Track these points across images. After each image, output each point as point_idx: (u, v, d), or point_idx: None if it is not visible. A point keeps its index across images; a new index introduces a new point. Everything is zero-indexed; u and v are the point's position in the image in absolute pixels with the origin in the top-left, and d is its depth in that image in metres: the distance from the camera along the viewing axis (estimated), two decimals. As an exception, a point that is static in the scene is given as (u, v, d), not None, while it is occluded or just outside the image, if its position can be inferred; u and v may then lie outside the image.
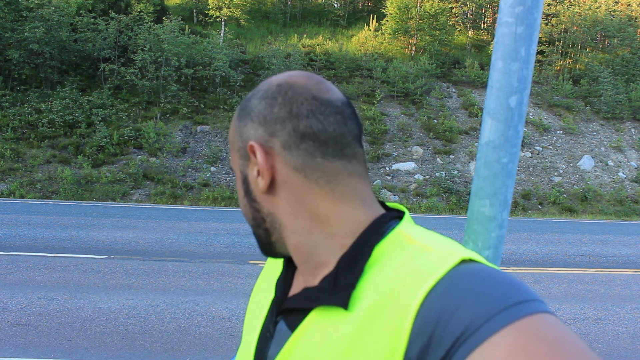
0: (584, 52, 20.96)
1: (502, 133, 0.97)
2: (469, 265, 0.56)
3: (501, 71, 0.97)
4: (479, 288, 0.52)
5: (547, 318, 0.50)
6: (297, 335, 0.63)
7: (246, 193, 0.69)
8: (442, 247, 0.59)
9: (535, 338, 0.47)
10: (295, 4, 24.16)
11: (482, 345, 0.48)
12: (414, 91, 17.80)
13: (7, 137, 13.78)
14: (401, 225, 0.65)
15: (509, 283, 0.53)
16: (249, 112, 0.68)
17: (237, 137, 0.70)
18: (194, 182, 13.61)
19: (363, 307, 0.58)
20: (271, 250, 0.71)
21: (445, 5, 20.59)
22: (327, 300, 0.61)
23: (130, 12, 17.41)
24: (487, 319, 0.49)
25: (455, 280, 0.54)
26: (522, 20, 0.95)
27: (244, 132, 0.68)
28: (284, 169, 0.64)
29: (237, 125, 0.70)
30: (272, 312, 0.71)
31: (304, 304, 0.64)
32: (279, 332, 0.67)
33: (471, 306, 0.51)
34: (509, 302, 0.50)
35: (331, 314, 0.60)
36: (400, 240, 0.62)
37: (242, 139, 0.69)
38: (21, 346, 3.96)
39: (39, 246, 7.07)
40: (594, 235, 10.58)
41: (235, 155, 0.70)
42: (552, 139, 17.53)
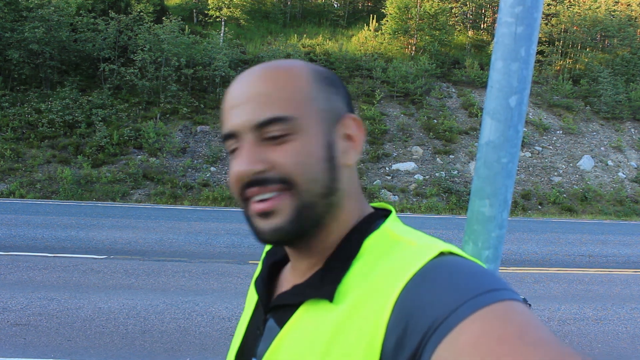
0: (584, 52, 20.95)
1: (502, 133, 0.97)
2: (445, 257, 0.57)
3: (501, 71, 0.97)
4: (451, 279, 0.54)
5: (514, 305, 0.51)
6: (286, 330, 0.64)
7: (329, 159, 0.64)
8: (425, 242, 0.61)
9: (501, 322, 0.48)
10: (295, 4, 24.16)
11: (451, 333, 0.49)
12: (414, 91, 17.80)
13: (7, 137, 13.78)
14: (387, 223, 0.67)
15: (480, 274, 0.54)
16: (337, 86, 0.69)
17: (323, 97, 0.66)
18: (193, 182, 13.61)
19: (348, 300, 0.59)
20: (308, 226, 0.64)
21: (445, 5, 20.59)
22: (314, 294, 0.62)
23: (130, 12, 17.42)
24: (456, 307, 0.50)
25: (430, 272, 0.55)
26: (522, 20, 0.95)
27: (333, 98, 0.67)
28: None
29: (324, 88, 0.67)
30: (260, 310, 0.73)
31: (292, 300, 0.65)
32: (269, 329, 0.68)
33: (442, 296, 0.52)
34: (477, 290, 0.51)
35: (318, 308, 0.62)
36: (385, 237, 0.64)
37: (333, 105, 0.67)
38: (21, 346, 3.96)
39: (39, 246, 7.07)
40: (594, 235, 10.58)
41: (314, 115, 0.64)
42: (552, 139, 17.53)
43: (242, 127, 0.63)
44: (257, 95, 0.63)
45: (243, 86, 0.64)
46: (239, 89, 0.65)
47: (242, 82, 0.65)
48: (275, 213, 0.62)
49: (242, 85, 0.65)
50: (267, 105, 0.62)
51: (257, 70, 0.65)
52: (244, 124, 0.63)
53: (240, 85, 0.65)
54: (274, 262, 0.77)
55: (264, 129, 0.62)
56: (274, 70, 0.65)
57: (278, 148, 0.62)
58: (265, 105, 0.62)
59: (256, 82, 0.64)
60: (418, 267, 0.56)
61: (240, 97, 0.64)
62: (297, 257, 0.69)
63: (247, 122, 0.62)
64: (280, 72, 0.65)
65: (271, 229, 0.63)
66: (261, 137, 0.63)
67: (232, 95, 0.65)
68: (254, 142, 0.63)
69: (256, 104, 0.62)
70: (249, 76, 0.65)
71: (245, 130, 0.63)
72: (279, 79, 0.64)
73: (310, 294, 0.63)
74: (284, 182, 0.62)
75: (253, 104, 0.62)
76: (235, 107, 0.64)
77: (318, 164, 0.63)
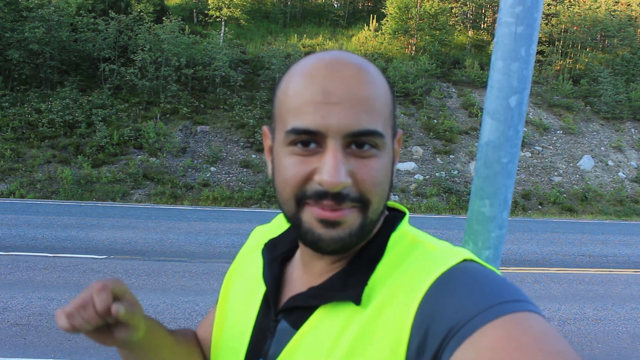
0: (584, 52, 20.95)
1: (502, 133, 0.97)
2: (468, 264, 0.58)
3: (501, 71, 0.97)
4: (475, 285, 0.54)
5: (535, 316, 0.52)
6: (303, 333, 0.63)
7: (392, 178, 0.64)
8: (444, 246, 0.62)
9: (522, 331, 0.49)
10: (295, 4, 24.15)
11: (472, 336, 0.50)
12: (414, 91, 17.80)
13: (7, 137, 13.78)
14: (403, 224, 0.67)
15: (503, 284, 0.55)
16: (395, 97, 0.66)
17: (394, 113, 0.64)
18: (194, 182, 13.61)
19: (373, 302, 0.59)
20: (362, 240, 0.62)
21: (445, 5, 20.58)
22: (339, 297, 0.61)
23: (130, 12, 17.41)
24: (479, 312, 0.51)
25: (454, 276, 0.56)
26: (522, 20, 0.95)
27: (395, 114, 0.65)
28: None
29: (394, 100, 0.65)
30: (269, 310, 0.70)
31: (311, 302, 0.64)
32: (281, 331, 0.66)
33: (465, 300, 0.53)
34: (500, 299, 0.52)
35: (340, 310, 0.61)
36: (404, 239, 0.65)
37: (395, 120, 0.65)
38: (21, 346, 3.96)
39: (39, 246, 7.07)
40: (594, 235, 10.57)
41: (390, 131, 0.63)
42: (552, 139, 17.53)
43: (337, 130, 0.57)
44: (358, 99, 0.58)
45: (340, 82, 0.58)
46: (335, 84, 0.58)
47: (337, 75, 0.59)
48: (342, 224, 0.59)
49: (339, 80, 0.58)
50: (367, 114, 0.58)
51: (352, 66, 0.60)
52: (340, 127, 0.57)
53: (336, 79, 0.58)
54: (276, 256, 0.74)
55: (355, 138, 0.58)
56: (367, 71, 0.60)
57: (362, 163, 0.59)
58: (365, 114, 0.58)
59: (355, 82, 0.58)
60: (442, 271, 0.56)
61: (337, 94, 0.58)
62: (319, 258, 0.67)
63: (344, 127, 0.57)
64: (374, 76, 0.61)
65: (334, 239, 0.60)
66: (346, 146, 0.58)
67: (324, 88, 0.58)
68: (342, 150, 0.58)
69: (356, 109, 0.57)
70: (343, 70, 0.59)
71: (337, 134, 0.57)
72: (375, 85, 0.60)
73: (333, 296, 0.62)
74: (360, 201, 0.59)
75: (353, 107, 0.57)
76: (330, 104, 0.57)
77: (387, 183, 0.62)
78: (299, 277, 0.70)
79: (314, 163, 0.59)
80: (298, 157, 0.60)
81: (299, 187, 0.60)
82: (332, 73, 0.59)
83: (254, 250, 0.83)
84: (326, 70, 0.59)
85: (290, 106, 0.60)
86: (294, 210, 0.61)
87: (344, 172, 0.57)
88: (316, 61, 0.61)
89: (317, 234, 0.60)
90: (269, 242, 0.77)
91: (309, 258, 0.68)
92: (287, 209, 0.62)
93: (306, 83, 0.59)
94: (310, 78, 0.59)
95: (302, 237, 0.62)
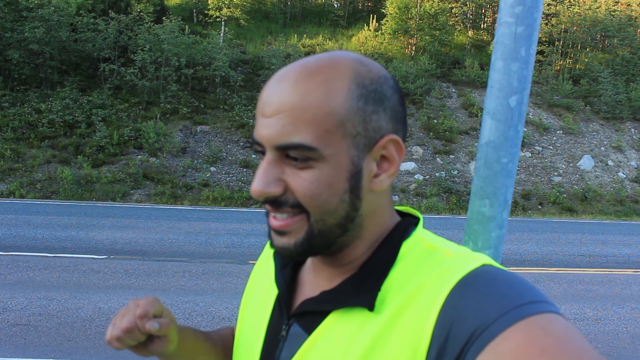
0: (584, 52, 20.95)
1: (502, 133, 0.97)
2: (487, 267, 0.58)
3: (501, 71, 0.97)
4: (494, 288, 0.54)
5: (556, 317, 0.52)
6: (315, 337, 0.63)
7: (353, 189, 0.60)
8: (462, 251, 0.62)
9: (543, 333, 0.49)
10: (295, 4, 24.15)
11: (494, 340, 0.50)
12: (414, 91, 17.80)
13: (7, 137, 13.78)
14: (418, 230, 0.67)
15: (522, 285, 0.55)
16: (383, 100, 0.60)
17: (358, 120, 0.59)
18: (193, 182, 13.61)
19: (387, 308, 0.59)
20: (317, 250, 0.62)
21: (445, 5, 20.57)
22: (351, 302, 0.61)
23: (130, 12, 17.41)
24: (499, 316, 0.51)
25: (473, 281, 0.56)
26: (522, 20, 0.95)
27: (372, 119, 0.59)
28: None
29: (363, 107, 0.59)
30: (282, 314, 0.71)
31: (323, 307, 0.64)
32: (293, 335, 0.67)
33: (485, 304, 0.53)
34: (520, 301, 0.52)
35: (353, 316, 0.61)
36: (419, 245, 0.64)
37: (369, 126, 0.59)
38: (21, 346, 3.96)
39: (39, 246, 7.07)
40: (594, 235, 10.58)
41: (343, 142, 0.58)
42: (552, 139, 17.53)
43: (267, 142, 0.59)
44: (286, 110, 0.57)
45: (276, 90, 0.58)
46: (271, 95, 0.59)
47: (276, 85, 0.59)
48: (288, 233, 0.61)
49: (276, 88, 0.58)
50: (293, 126, 0.56)
51: (294, 73, 0.59)
52: (268, 140, 0.59)
53: (273, 89, 0.59)
54: (287, 261, 0.75)
55: (286, 151, 0.58)
56: (311, 77, 0.58)
57: (296, 173, 0.58)
58: (290, 126, 0.57)
59: (288, 92, 0.57)
60: (461, 276, 0.56)
61: (270, 107, 0.58)
62: (323, 263, 0.68)
63: (271, 139, 0.58)
64: (316, 82, 0.57)
65: (281, 246, 0.62)
66: (284, 155, 0.59)
67: (264, 100, 0.59)
68: (274, 160, 0.59)
69: (283, 122, 0.57)
70: (284, 79, 0.59)
71: (268, 146, 0.59)
72: (312, 93, 0.57)
73: (345, 301, 0.62)
74: (299, 207, 0.59)
75: (280, 120, 0.57)
76: (264, 117, 0.59)
77: (336, 196, 0.59)
78: (310, 281, 0.70)
79: None
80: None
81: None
82: (275, 82, 0.59)
83: (270, 256, 0.84)
84: (274, 79, 0.60)
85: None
86: (266, 217, 0.65)
87: (267, 182, 0.59)
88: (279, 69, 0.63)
89: (272, 240, 0.64)
90: None
91: (317, 262, 0.69)
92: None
93: (262, 93, 0.62)
94: (264, 88, 0.61)
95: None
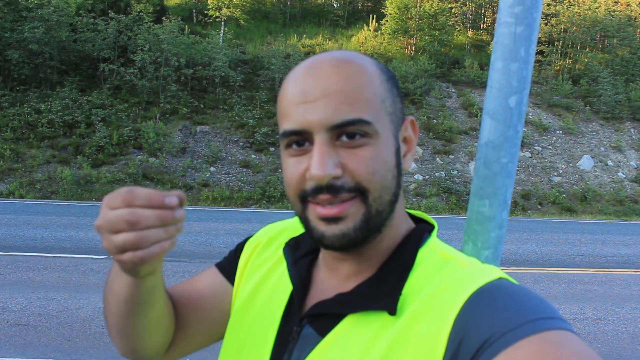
0: (584, 52, 20.95)
1: (502, 133, 0.97)
2: (504, 282, 0.58)
3: (501, 71, 0.97)
4: (510, 301, 0.55)
5: (570, 335, 0.52)
6: (330, 340, 0.62)
7: (397, 165, 0.63)
8: (476, 262, 0.63)
9: (558, 347, 0.49)
10: (295, 4, 24.15)
11: (507, 349, 0.50)
12: (414, 91, 17.80)
13: (6, 137, 13.78)
14: (433, 238, 0.67)
15: (539, 301, 0.56)
16: (399, 87, 0.66)
17: (391, 99, 0.63)
18: (193, 182, 13.61)
19: (405, 312, 0.59)
20: (373, 232, 0.62)
21: (445, 5, 20.58)
22: (372, 306, 0.61)
23: (129, 12, 17.41)
24: (515, 327, 0.51)
25: (490, 292, 0.56)
26: (521, 20, 0.95)
27: (397, 101, 0.65)
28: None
29: (391, 89, 0.64)
30: (293, 315, 0.69)
31: (342, 310, 0.63)
32: (305, 337, 0.65)
33: (501, 315, 0.53)
34: (537, 315, 0.53)
35: (370, 319, 0.61)
36: (435, 253, 0.65)
37: (397, 107, 0.64)
38: (21, 346, 3.96)
39: (38, 246, 7.07)
40: (594, 235, 10.58)
41: (386, 118, 0.62)
42: (551, 139, 17.53)
43: (318, 125, 0.58)
44: (335, 92, 0.58)
45: (316, 80, 0.60)
46: (312, 83, 0.60)
47: (314, 75, 0.60)
48: (344, 219, 0.60)
49: (315, 78, 0.60)
50: (347, 105, 0.58)
51: (329, 63, 0.61)
52: (320, 122, 0.58)
53: (312, 78, 0.60)
54: (299, 256, 0.73)
55: (341, 129, 0.58)
56: (348, 65, 0.60)
57: (353, 152, 0.59)
58: (345, 105, 0.58)
59: (332, 77, 0.59)
60: (478, 286, 0.57)
61: (314, 92, 0.59)
62: (342, 260, 0.67)
63: (324, 120, 0.58)
64: (354, 68, 0.60)
65: (338, 235, 0.60)
66: (335, 138, 0.59)
67: (303, 89, 0.60)
68: (328, 142, 0.59)
69: (335, 102, 0.58)
70: (321, 69, 0.60)
71: (320, 129, 0.58)
72: (355, 76, 0.60)
73: (365, 305, 0.61)
74: (357, 190, 0.59)
75: (331, 101, 0.58)
76: (308, 103, 0.59)
77: (390, 171, 0.61)
78: (325, 279, 0.69)
79: (307, 161, 0.60)
80: (295, 158, 0.62)
81: (299, 186, 0.61)
82: (309, 73, 0.61)
83: (268, 246, 0.81)
84: (305, 71, 0.62)
85: (281, 111, 0.63)
86: (300, 209, 0.63)
87: (330, 164, 0.58)
88: (301, 65, 0.64)
89: (320, 231, 0.61)
90: (291, 242, 0.76)
91: (332, 260, 0.68)
92: (296, 209, 0.64)
93: (290, 87, 0.62)
94: (293, 82, 0.62)
95: (310, 235, 0.63)
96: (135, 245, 0.54)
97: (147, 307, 0.69)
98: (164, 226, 0.56)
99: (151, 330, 0.74)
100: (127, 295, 0.67)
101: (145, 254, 0.54)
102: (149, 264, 0.58)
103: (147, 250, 0.55)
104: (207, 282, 0.84)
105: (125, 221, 0.54)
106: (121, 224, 0.54)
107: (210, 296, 0.82)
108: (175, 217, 0.57)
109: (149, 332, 0.73)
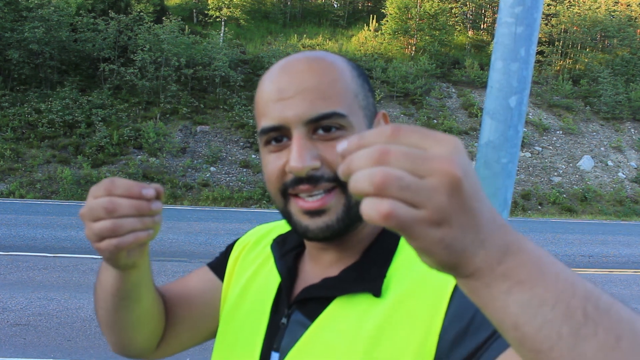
0: (584, 52, 20.95)
1: (502, 133, 0.97)
2: None
3: (501, 71, 0.97)
4: None
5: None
6: (319, 324, 0.64)
7: None
8: None
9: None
10: (295, 4, 24.15)
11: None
12: (414, 91, 17.80)
13: (7, 137, 13.77)
14: None
15: None
16: (369, 82, 0.69)
17: (363, 94, 0.67)
18: (193, 182, 13.61)
19: (392, 294, 0.60)
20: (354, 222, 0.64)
21: (445, 6, 20.58)
22: (356, 288, 0.63)
23: (130, 12, 17.40)
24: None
25: None
26: (521, 20, 0.95)
27: (369, 95, 0.68)
28: None
29: (362, 84, 0.68)
30: (282, 305, 0.71)
31: (326, 293, 0.65)
32: (294, 323, 0.67)
33: None
34: None
35: (356, 302, 0.62)
36: None
37: (369, 101, 0.68)
38: (21, 346, 3.96)
39: (39, 246, 7.07)
40: (594, 235, 10.57)
41: (359, 112, 0.65)
42: (551, 139, 17.53)
43: (295, 120, 0.61)
44: (310, 88, 0.61)
45: (291, 78, 0.63)
46: (287, 81, 0.63)
47: (288, 73, 0.63)
48: (327, 212, 0.62)
49: (290, 76, 0.63)
50: (322, 100, 0.61)
51: (303, 61, 0.64)
52: (297, 117, 0.61)
53: (287, 76, 0.63)
54: (286, 251, 0.75)
55: (317, 123, 0.61)
56: (320, 62, 0.64)
57: (330, 145, 0.61)
58: (319, 100, 0.61)
59: (305, 75, 0.62)
60: None
61: (289, 90, 0.62)
62: (325, 250, 0.69)
63: (301, 115, 0.61)
64: (326, 65, 0.64)
65: (322, 227, 0.62)
66: (312, 132, 0.62)
67: (278, 87, 0.63)
68: (305, 136, 0.61)
69: (310, 98, 0.61)
70: (294, 67, 0.64)
71: (297, 124, 0.61)
72: (328, 72, 0.63)
73: (350, 287, 0.63)
74: (336, 180, 0.61)
75: (306, 97, 0.61)
76: (284, 100, 0.62)
77: None
78: (310, 270, 0.72)
79: (286, 156, 0.62)
80: (274, 154, 0.64)
81: (279, 180, 0.64)
82: (284, 72, 0.64)
83: (256, 245, 0.84)
84: (280, 70, 0.65)
85: (259, 110, 0.66)
86: (282, 204, 0.65)
87: (308, 156, 0.60)
88: (275, 65, 0.66)
89: (304, 225, 0.63)
90: (278, 238, 0.78)
91: (316, 250, 0.70)
92: (277, 204, 0.66)
93: (266, 86, 0.65)
94: (268, 81, 0.65)
95: (294, 229, 0.66)
96: (111, 231, 0.56)
97: (132, 302, 0.72)
98: (140, 216, 0.58)
99: (139, 325, 0.76)
100: (113, 289, 0.70)
101: (120, 242, 0.57)
102: (128, 255, 0.62)
103: (122, 238, 0.57)
104: (198, 280, 0.86)
105: (103, 208, 0.56)
106: (100, 212, 0.57)
107: (200, 293, 0.84)
108: (152, 209, 0.58)
109: (136, 327, 0.76)
